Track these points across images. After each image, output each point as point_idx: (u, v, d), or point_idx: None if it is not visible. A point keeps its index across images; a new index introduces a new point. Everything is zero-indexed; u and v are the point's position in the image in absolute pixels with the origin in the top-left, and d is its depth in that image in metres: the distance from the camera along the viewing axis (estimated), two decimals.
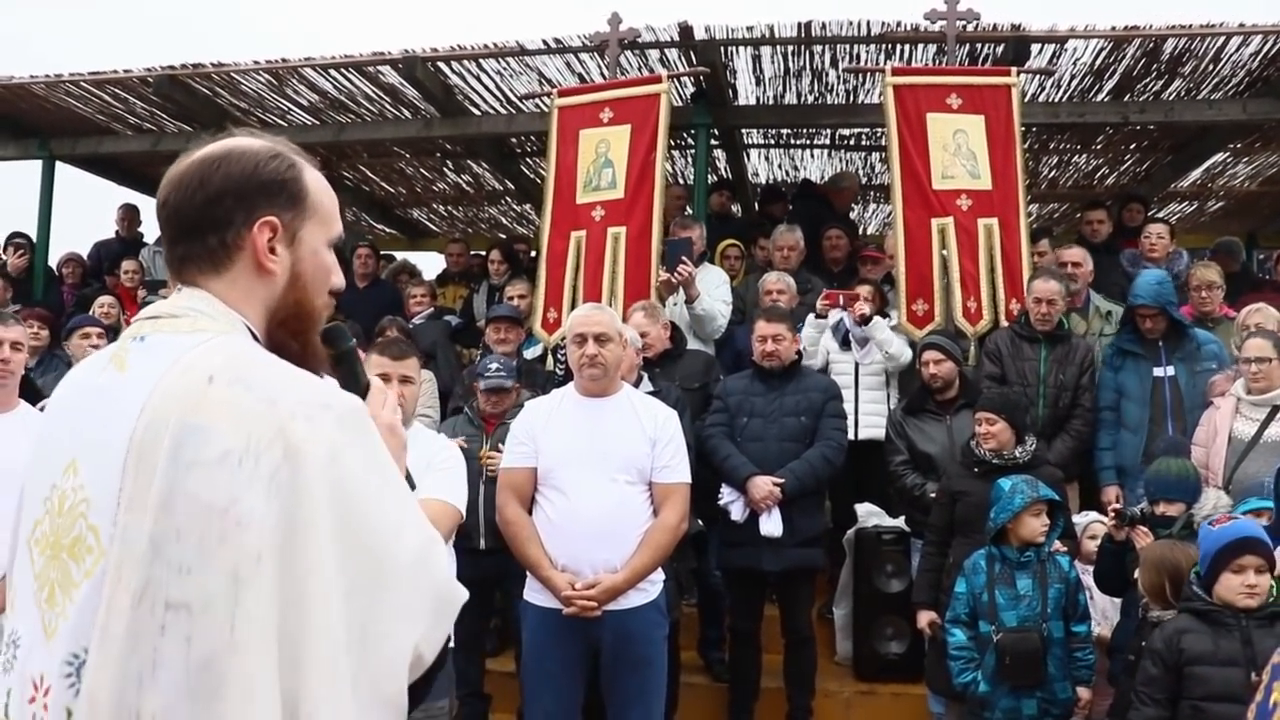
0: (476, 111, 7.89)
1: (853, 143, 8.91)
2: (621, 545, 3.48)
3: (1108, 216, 7.34)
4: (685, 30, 6.50)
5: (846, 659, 5.34)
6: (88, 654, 1.15)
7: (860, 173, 9.46)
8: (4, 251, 8.77)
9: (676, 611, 4.31)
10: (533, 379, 5.48)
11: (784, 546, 4.56)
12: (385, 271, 8.77)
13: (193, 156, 1.33)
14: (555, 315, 6.09)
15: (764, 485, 4.53)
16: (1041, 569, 4.03)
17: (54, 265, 8.85)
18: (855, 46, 6.80)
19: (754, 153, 9.33)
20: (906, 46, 6.75)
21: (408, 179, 9.89)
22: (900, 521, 5.14)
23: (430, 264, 10.72)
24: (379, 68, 7.17)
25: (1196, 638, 3.18)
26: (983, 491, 4.22)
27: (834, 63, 7.09)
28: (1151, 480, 4.29)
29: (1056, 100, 7.39)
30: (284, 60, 7.23)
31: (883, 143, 8.00)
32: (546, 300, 6.23)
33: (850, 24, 6.50)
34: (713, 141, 8.10)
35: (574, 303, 5.85)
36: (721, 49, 6.80)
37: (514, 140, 8.64)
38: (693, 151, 8.06)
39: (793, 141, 9.01)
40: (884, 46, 6.74)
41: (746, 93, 7.68)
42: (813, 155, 9.36)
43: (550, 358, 6.03)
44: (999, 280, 5.81)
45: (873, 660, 5.12)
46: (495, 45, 6.89)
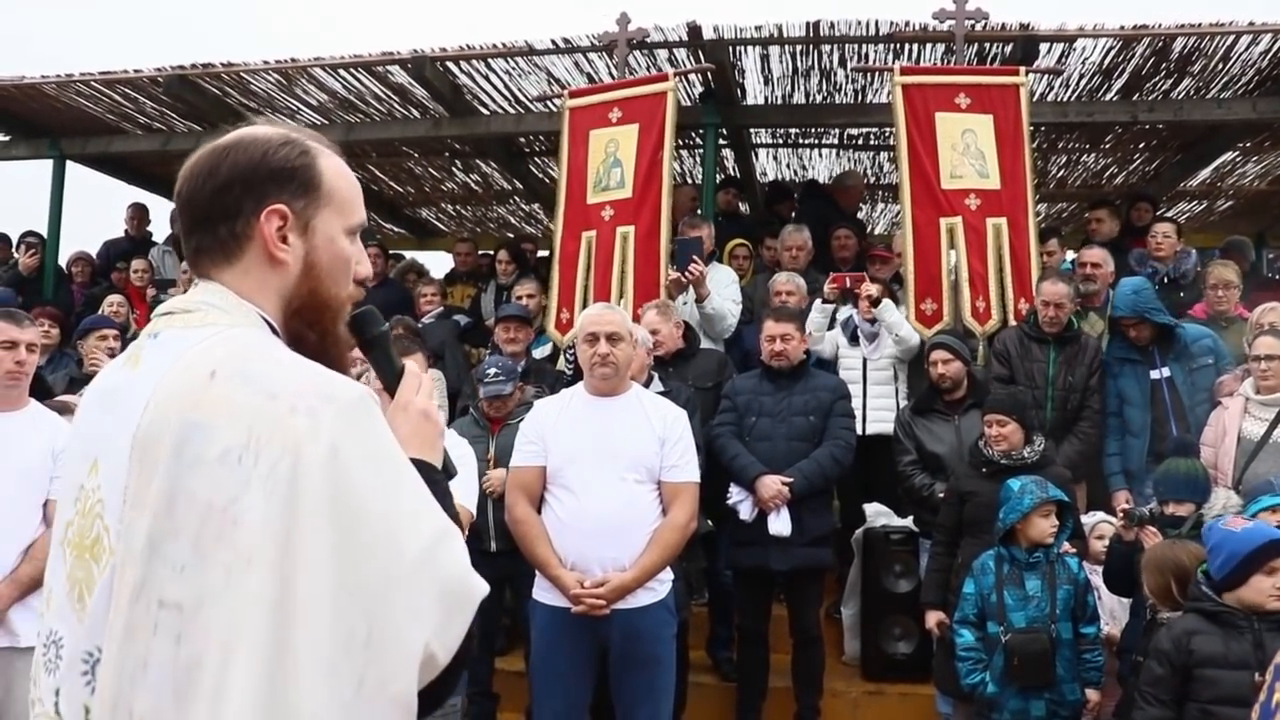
0: (485, 111, 7.90)
1: (861, 142, 8.91)
2: (630, 544, 3.48)
3: (1109, 215, 7.33)
4: (694, 30, 6.50)
5: (854, 659, 5.34)
6: (100, 652, 1.14)
7: (868, 172, 9.46)
8: (16, 250, 8.81)
9: (686, 611, 4.32)
10: (542, 378, 5.49)
11: (792, 546, 4.56)
12: (394, 271, 8.79)
13: (207, 146, 1.32)
14: (568, 316, 6.10)
15: (772, 485, 4.54)
16: (1050, 570, 4.02)
17: (63, 264, 8.89)
18: (863, 46, 6.79)
19: (762, 152, 9.33)
20: (915, 46, 6.75)
21: (416, 178, 9.91)
22: (909, 521, 5.14)
23: (438, 263, 10.76)
24: (388, 67, 7.19)
25: (1207, 639, 3.15)
26: (992, 492, 4.22)
27: (842, 62, 7.08)
28: (1160, 480, 4.29)
29: (1065, 99, 7.38)
30: (293, 60, 7.25)
31: (890, 142, 8.00)
32: (559, 301, 6.25)
33: (859, 23, 6.49)
34: (721, 141, 8.10)
35: (585, 303, 5.86)
36: (730, 48, 6.80)
37: (522, 140, 8.65)
38: (701, 151, 8.06)
39: (801, 141, 9.00)
40: (892, 46, 6.73)
41: (755, 92, 7.68)
42: (821, 155, 9.36)
43: (561, 358, 6.05)
44: (1007, 280, 5.81)
45: (880, 660, 5.12)
46: (504, 45, 6.90)
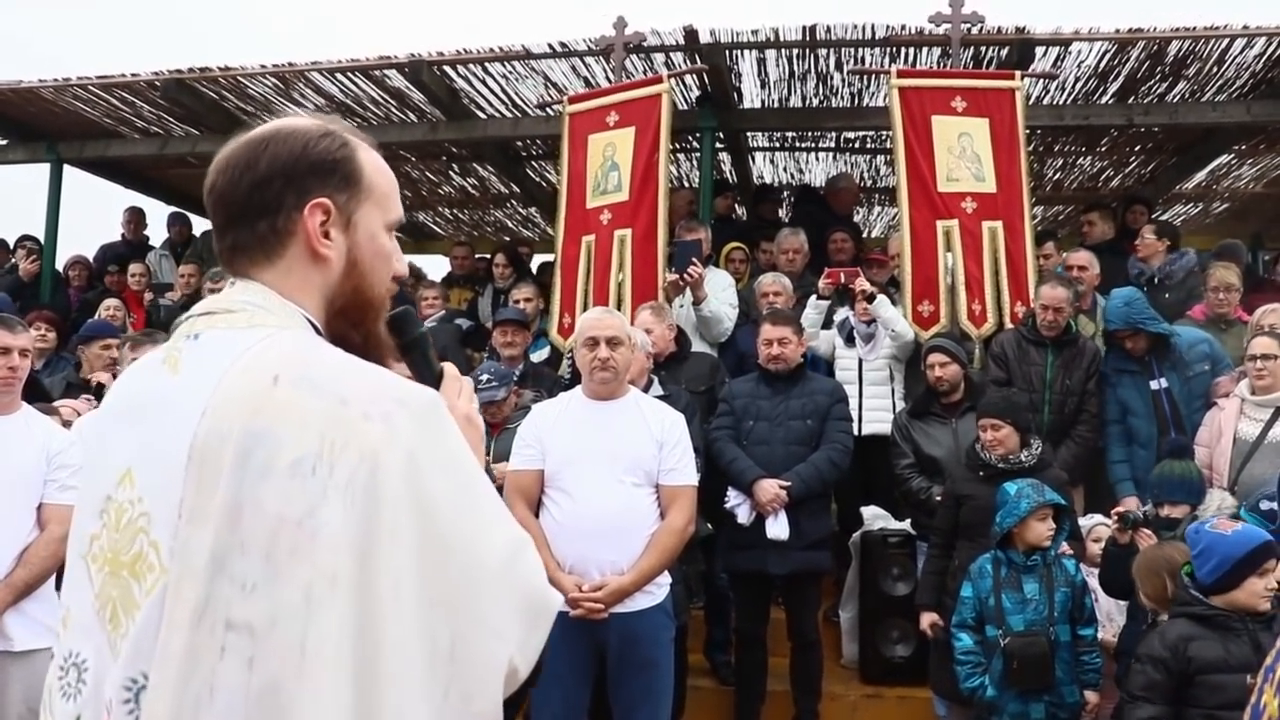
0: (482, 115, 7.91)
1: (857, 146, 8.92)
2: (628, 547, 3.49)
3: (1101, 218, 7.35)
4: (690, 34, 6.51)
5: (853, 662, 5.34)
6: (147, 679, 1.06)
7: (864, 176, 9.47)
8: (13, 254, 8.80)
9: (685, 615, 4.31)
10: (539, 382, 5.49)
11: (790, 549, 4.56)
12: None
13: (240, 139, 1.25)
14: (570, 320, 6.11)
15: (770, 488, 4.54)
16: (1048, 573, 4.03)
17: (62, 267, 8.88)
18: (860, 50, 6.81)
19: (759, 156, 9.34)
20: (911, 50, 6.76)
21: (413, 182, 9.91)
22: (906, 524, 5.15)
23: (435, 267, 10.74)
24: (385, 71, 7.20)
25: (1205, 645, 3.12)
26: (988, 495, 4.23)
27: (839, 66, 7.10)
28: (1155, 482, 4.31)
29: (1061, 103, 7.40)
30: (290, 64, 7.26)
31: (887, 146, 8.02)
32: (561, 306, 6.26)
33: (855, 27, 6.51)
34: (718, 145, 8.11)
35: (586, 307, 5.87)
36: (726, 52, 6.81)
37: (519, 144, 8.67)
38: (698, 155, 8.07)
39: (797, 145, 9.01)
40: (888, 50, 6.75)
41: (751, 96, 7.69)
42: (817, 158, 9.37)
43: (564, 363, 6.05)
44: (1003, 283, 5.82)
45: (879, 663, 5.12)
46: (501, 49, 6.91)
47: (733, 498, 4.66)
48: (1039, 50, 6.60)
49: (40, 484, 3.46)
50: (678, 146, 8.38)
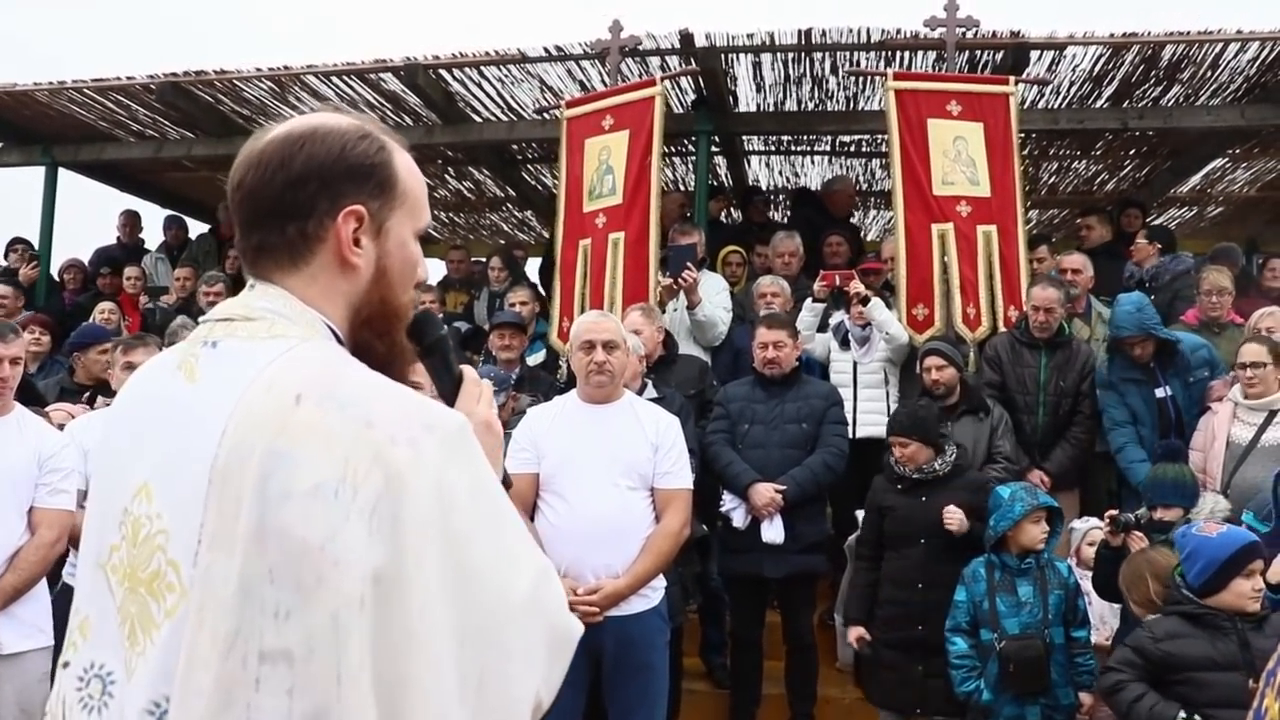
0: (478, 118, 7.92)
1: (853, 149, 8.93)
2: (624, 551, 3.48)
3: (1098, 222, 7.37)
4: (686, 37, 6.52)
5: (848, 665, 5.33)
6: (169, 703, 1.03)
7: (860, 179, 9.48)
8: (5, 257, 8.79)
9: (680, 617, 4.31)
10: (536, 385, 5.49)
11: (786, 553, 4.56)
12: None
13: (272, 134, 1.19)
14: (569, 324, 6.10)
15: (766, 492, 4.54)
16: (1041, 575, 4.04)
17: (55, 271, 8.87)
18: (855, 53, 6.82)
19: (754, 159, 9.35)
20: (906, 53, 6.78)
21: None
22: None
23: (432, 271, 10.73)
24: (381, 75, 7.21)
25: (1191, 643, 3.18)
26: (909, 506, 4.32)
27: (834, 70, 7.11)
28: (1149, 485, 4.31)
29: (1056, 106, 7.42)
30: (286, 68, 7.27)
31: (882, 149, 8.05)
32: (561, 310, 6.26)
33: (850, 31, 6.52)
34: (714, 148, 8.12)
35: (583, 310, 5.87)
36: (722, 56, 6.82)
37: (515, 147, 8.67)
38: (693, 158, 8.08)
39: (793, 148, 9.02)
40: (884, 53, 6.76)
41: (747, 99, 7.70)
42: (813, 162, 9.38)
43: (561, 365, 6.06)
44: (997, 287, 5.83)
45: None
46: (497, 53, 6.92)
47: (728, 501, 4.65)
48: (1034, 54, 6.63)
49: (31, 487, 3.45)
50: (673, 150, 8.41)
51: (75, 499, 3.50)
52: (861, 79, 7.19)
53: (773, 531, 4.53)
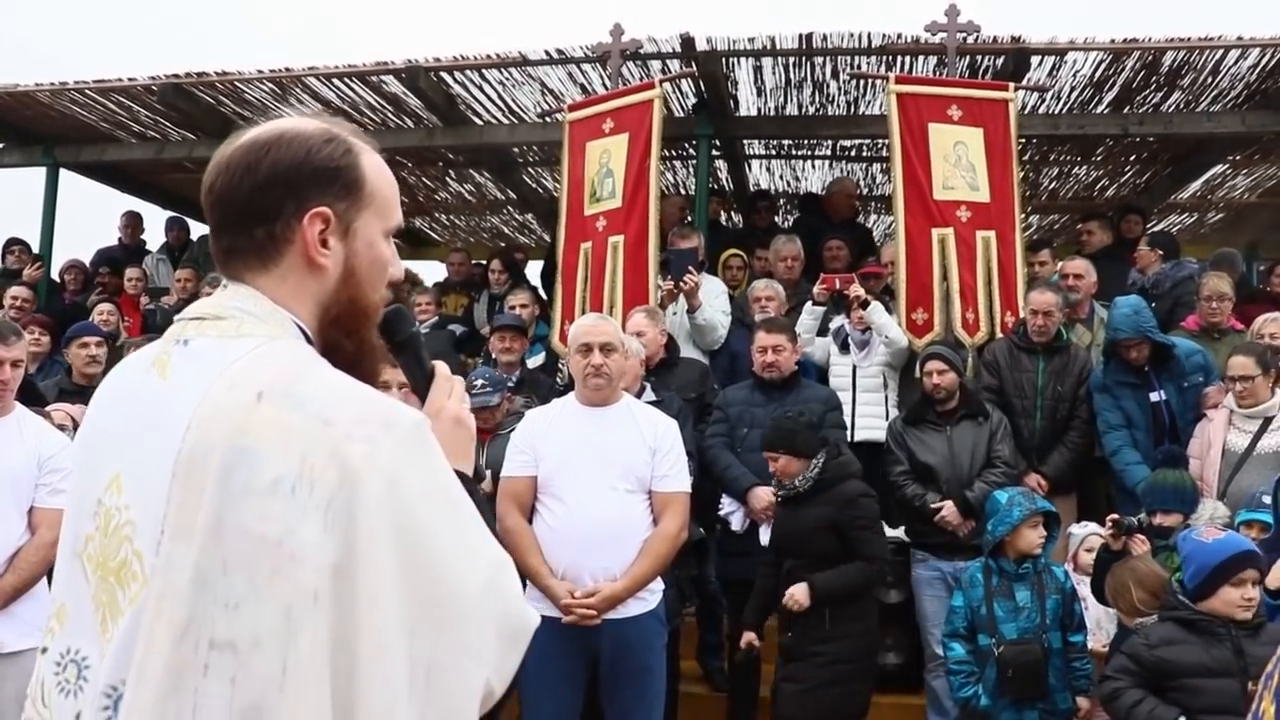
0: (479, 121, 7.93)
1: (853, 154, 8.94)
2: (621, 554, 3.48)
3: (1099, 227, 7.38)
4: (687, 41, 6.53)
5: None
6: (124, 687, 1.06)
7: (860, 184, 9.49)
8: (3, 259, 8.78)
9: (678, 620, 4.31)
10: (536, 388, 5.49)
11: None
12: None
13: (241, 139, 1.23)
14: (570, 327, 6.12)
15: (765, 496, 4.54)
16: (1039, 580, 4.04)
17: (56, 271, 8.87)
18: (856, 58, 6.83)
19: (755, 163, 9.36)
20: (907, 58, 6.78)
21: (410, 188, 9.91)
22: (900, 532, 5.14)
23: (432, 273, 10.75)
24: (382, 77, 7.21)
25: (1186, 649, 3.19)
26: (783, 519, 4.29)
27: (835, 74, 7.12)
28: (1148, 491, 4.31)
29: (1056, 112, 7.43)
30: (288, 69, 7.28)
31: (883, 154, 8.06)
32: (562, 313, 6.27)
33: (851, 35, 6.53)
34: (714, 152, 8.12)
35: (584, 313, 5.88)
36: (723, 60, 6.83)
37: (516, 150, 8.68)
38: (694, 162, 8.09)
39: (794, 152, 9.03)
40: (884, 58, 6.77)
41: (748, 103, 7.71)
42: (814, 166, 9.39)
43: (561, 367, 6.06)
44: (995, 292, 5.83)
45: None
46: (498, 55, 6.93)
47: (726, 505, 4.66)
48: (1034, 60, 6.64)
49: (31, 487, 3.45)
50: (674, 154, 8.41)
51: None
52: (862, 83, 7.20)
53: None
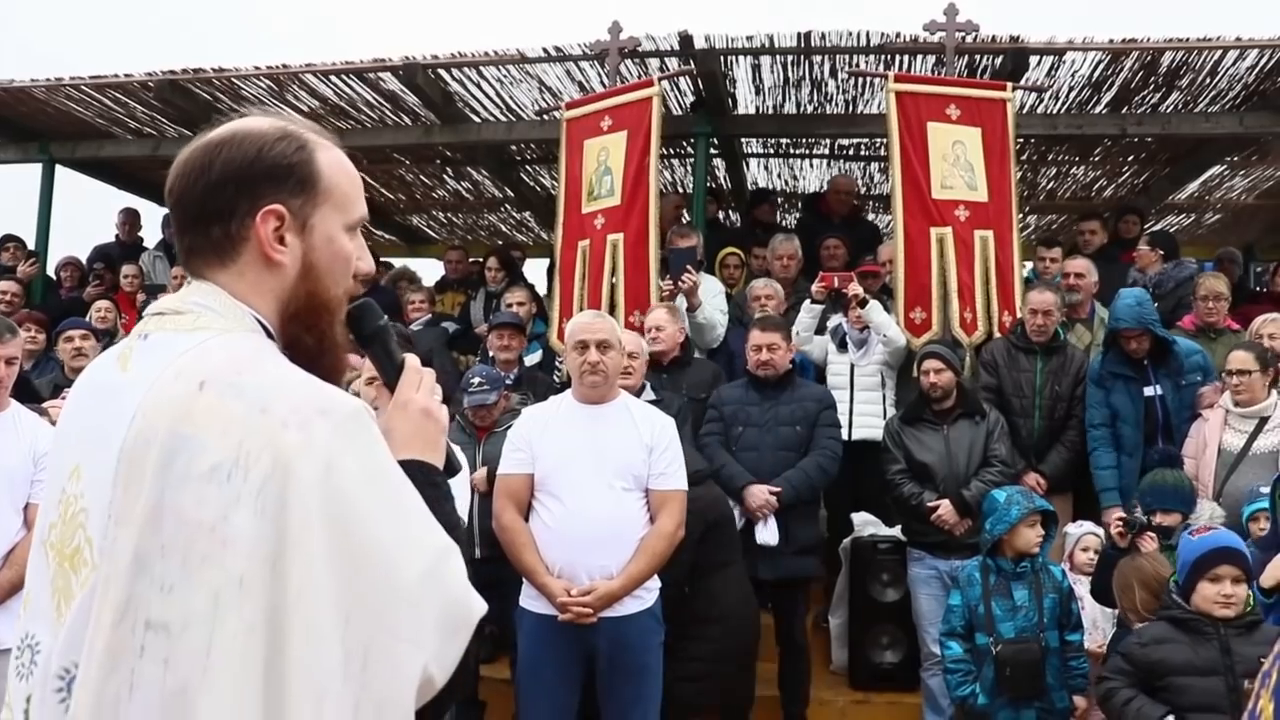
0: (476, 119, 7.91)
1: (852, 152, 8.94)
2: (618, 552, 3.47)
3: (1101, 227, 7.38)
4: (685, 39, 6.52)
5: (842, 668, 5.33)
6: (78, 669, 1.09)
7: (859, 183, 9.48)
8: None
9: None
10: (534, 386, 5.49)
11: (779, 555, 4.57)
12: (385, 278, 8.78)
13: (199, 140, 1.25)
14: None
15: (761, 494, 4.54)
16: (1036, 579, 4.04)
17: (52, 268, 8.85)
18: (854, 57, 6.82)
19: (753, 162, 9.36)
20: (905, 57, 6.78)
21: (407, 185, 9.91)
22: (896, 531, 5.14)
23: (430, 270, 10.75)
24: (380, 74, 7.19)
25: (1174, 648, 3.22)
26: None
27: (833, 73, 7.11)
28: (1148, 491, 4.31)
29: (1055, 112, 7.43)
30: (285, 66, 7.26)
31: (881, 153, 8.05)
32: (560, 311, 6.25)
33: (850, 34, 6.52)
34: (712, 151, 8.11)
35: (581, 310, 5.87)
36: (721, 58, 6.82)
37: (514, 148, 8.67)
38: (692, 160, 8.08)
39: (792, 151, 9.03)
40: (883, 57, 6.76)
41: (746, 102, 7.70)
42: (812, 165, 9.39)
43: (558, 364, 6.06)
44: (993, 292, 5.83)
45: (867, 669, 5.11)
46: (496, 53, 6.92)
47: None
48: (1033, 59, 6.63)
49: (27, 484, 3.45)
50: (672, 152, 8.40)
51: None
52: (861, 82, 7.20)
53: (767, 533, 4.53)
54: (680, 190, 9.06)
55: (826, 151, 8.97)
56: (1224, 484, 4.56)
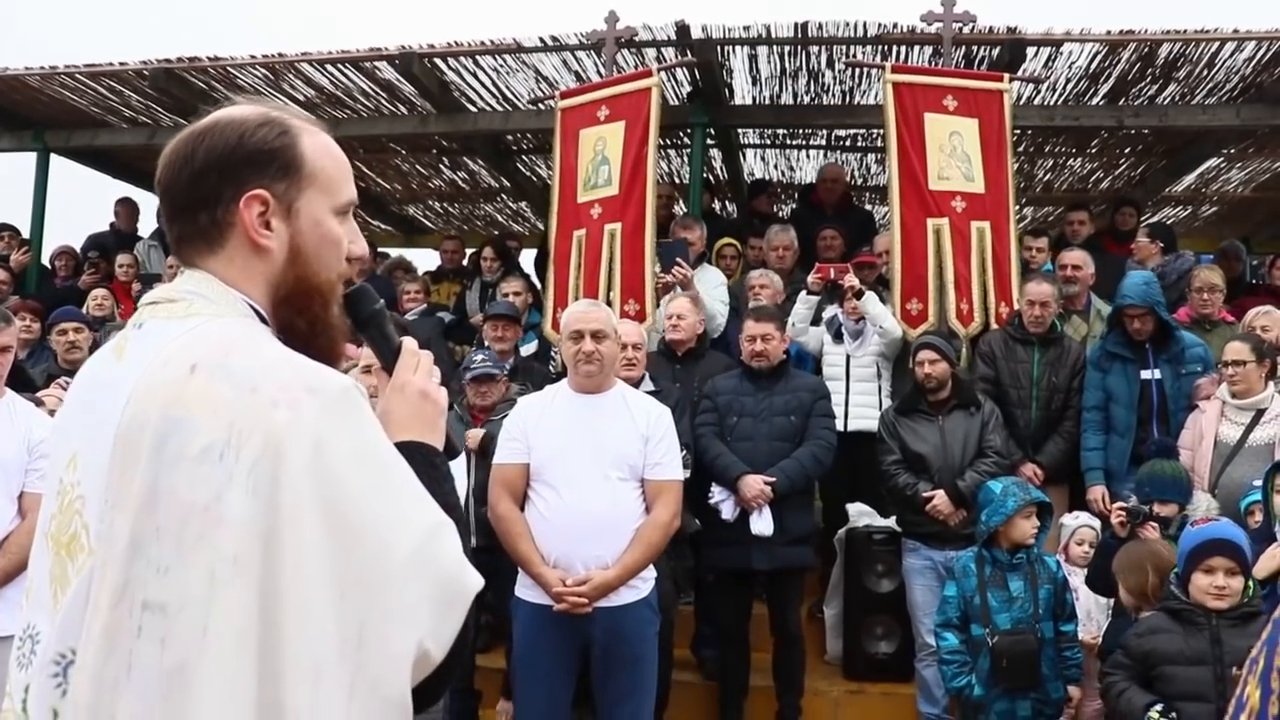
0: (473, 108, 7.88)
1: (848, 143, 8.92)
2: (613, 542, 3.48)
3: (1089, 218, 7.38)
4: (682, 29, 6.50)
5: (836, 658, 5.35)
6: (75, 655, 1.10)
7: (855, 174, 9.47)
8: None
9: (673, 610, 4.31)
10: (529, 376, 5.48)
11: (774, 545, 4.57)
12: (381, 267, 8.77)
13: (185, 131, 1.27)
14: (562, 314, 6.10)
15: (755, 484, 4.54)
16: (1032, 570, 4.05)
17: (47, 257, 8.82)
18: (851, 47, 6.80)
19: (750, 153, 9.34)
20: (902, 48, 6.76)
21: (403, 175, 9.88)
22: (891, 521, 5.16)
23: (426, 260, 10.73)
24: (376, 64, 7.16)
25: (1168, 638, 3.24)
26: None
27: (830, 63, 7.09)
28: (1146, 481, 4.32)
29: (1052, 103, 7.41)
30: (280, 55, 7.23)
31: (878, 144, 8.03)
32: (555, 301, 6.24)
33: (847, 25, 6.51)
34: (709, 141, 8.10)
35: (577, 300, 5.86)
36: (718, 48, 6.80)
37: (510, 137, 8.64)
38: (689, 151, 8.06)
39: (789, 142, 9.01)
40: (880, 48, 6.75)
41: (743, 92, 7.68)
42: (809, 155, 9.37)
43: (553, 354, 6.05)
44: (989, 283, 5.82)
45: (862, 660, 5.13)
46: (492, 42, 6.89)
47: (716, 494, 4.65)
48: (1030, 50, 6.61)
49: (21, 473, 3.45)
50: (668, 142, 8.38)
51: None
52: (858, 72, 7.17)
53: (762, 523, 4.54)
54: (675, 181, 9.04)
55: (823, 142, 8.95)
56: (1220, 475, 4.56)
